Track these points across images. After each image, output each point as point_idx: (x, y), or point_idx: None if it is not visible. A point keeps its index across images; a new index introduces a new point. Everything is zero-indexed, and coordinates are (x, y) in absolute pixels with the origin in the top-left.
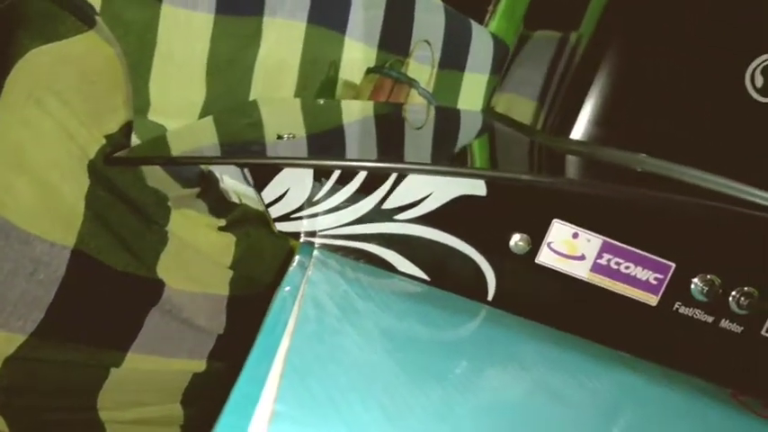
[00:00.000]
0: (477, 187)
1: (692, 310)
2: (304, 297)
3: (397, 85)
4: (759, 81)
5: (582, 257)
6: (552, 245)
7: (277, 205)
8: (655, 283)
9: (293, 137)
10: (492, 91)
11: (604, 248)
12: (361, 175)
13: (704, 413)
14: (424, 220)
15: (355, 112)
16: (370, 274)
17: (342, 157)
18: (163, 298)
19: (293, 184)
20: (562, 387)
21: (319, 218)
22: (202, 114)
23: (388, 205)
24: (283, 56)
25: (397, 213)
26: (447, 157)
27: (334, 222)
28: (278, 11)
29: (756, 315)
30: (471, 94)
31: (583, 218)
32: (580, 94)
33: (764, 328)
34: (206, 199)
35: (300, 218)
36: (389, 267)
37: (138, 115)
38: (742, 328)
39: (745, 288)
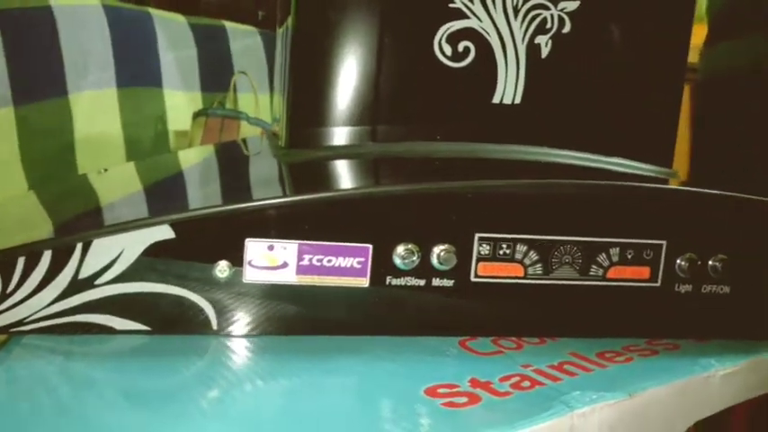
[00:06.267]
0: (164, 232)
1: (403, 279)
2: None
3: (226, 122)
4: (447, 50)
5: (285, 265)
6: (253, 262)
7: None
8: (359, 266)
9: None
10: None
11: (302, 251)
12: (48, 254)
13: (432, 367)
14: (124, 277)
15: (118, 180)
16: (86, 343)
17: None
18: None
19: None
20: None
21: (20, 307)
22: None
23: (84, 274)
24: (102, 126)
25: (96, 279)
26: (143, 206)
27: (37, 306)
28: (83, 85)
29: (460, 266)
30: None
31: (272, 230)
32: (297, 99)
33: (472, 274)
34: None
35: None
36: (108, 330)
37: None
38: (453, 280)
39: (442, 246)
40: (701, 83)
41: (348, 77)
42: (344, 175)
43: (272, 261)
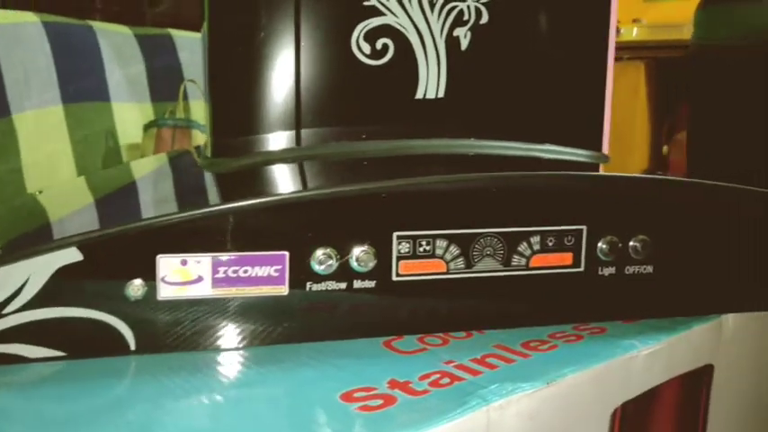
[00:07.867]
0: (72, 254)
1: (323, 284)
2: None
3: (178, 132)
4: (366, 48)
5: (200, 279)
6: (166, 278)
7: None
8: (276, 274)
9: None
10: None
11: (216, 264)
12: None
13: (352, 371)
14: (33, 303)
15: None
16: None
17: None
18: None
19: None
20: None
21: None
22: None
23: None
24: (49, 146)
25: (3, 308)
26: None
27: None
28: (26, 105)
29: (380, 267)
30: None
31: (184, 245)
32: (217, 107)
33: (393, 274)
34: None
35: None
36: (20, 360)
37: None
38: (374, 281)
39: (360, 248)
40: (692, 53)
41: (267, 83)
42: (265, 183)
43: (185, 276)
